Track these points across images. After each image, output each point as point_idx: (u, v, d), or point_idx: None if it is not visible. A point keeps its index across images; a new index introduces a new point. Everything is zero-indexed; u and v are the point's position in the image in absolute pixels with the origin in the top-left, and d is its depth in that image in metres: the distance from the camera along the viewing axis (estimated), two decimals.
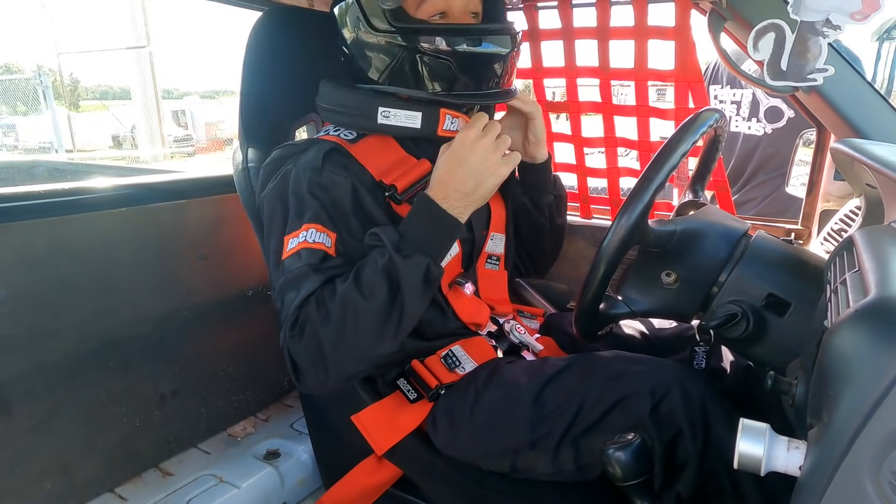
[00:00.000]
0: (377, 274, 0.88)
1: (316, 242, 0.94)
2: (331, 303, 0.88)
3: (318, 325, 0.88)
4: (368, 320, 0.88)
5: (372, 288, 0.87)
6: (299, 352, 0.90)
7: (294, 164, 1.00)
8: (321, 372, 0.90)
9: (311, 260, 0.93)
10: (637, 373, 0.93)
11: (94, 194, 1.23)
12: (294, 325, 0.90)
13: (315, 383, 0.92)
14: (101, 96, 23.80)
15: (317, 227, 0.95)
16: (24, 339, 1.11)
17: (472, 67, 0.99)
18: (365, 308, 0.87)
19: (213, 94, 26.65)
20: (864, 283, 0.51)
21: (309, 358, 0.89)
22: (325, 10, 1.31)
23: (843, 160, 0.96)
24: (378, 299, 0.87)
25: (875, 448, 0.41)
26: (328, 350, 0.88)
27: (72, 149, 10.97)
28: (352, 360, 0.91)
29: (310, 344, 0.88)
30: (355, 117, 1.04)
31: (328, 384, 0.92)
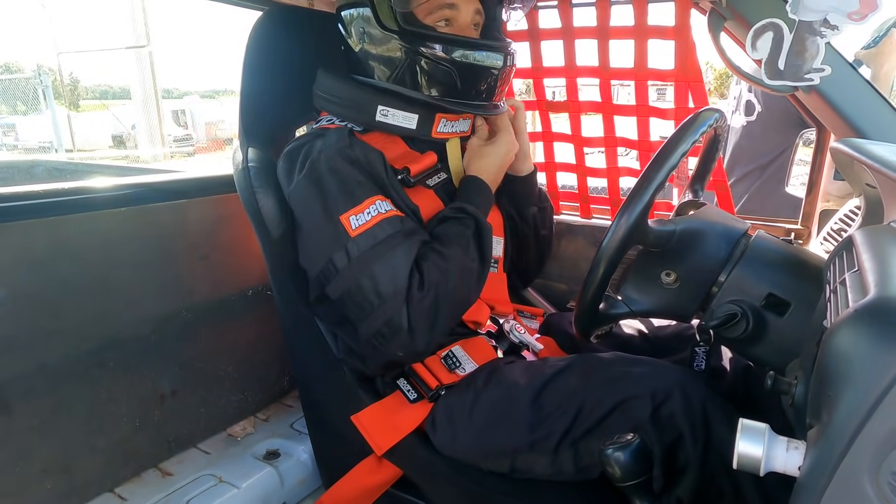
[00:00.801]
0: (466, 233, 1.00)
1: (389, 211, 0.98)
2: (444, 262, 0.96)
3: (442, 283, 0.95)
4: (471, 273, 1.00)
5: (466, 244, 0.99)
6: (422, 311, 0.94)
7: (319, 150, 1.01)
8: (435, 329, 0.96)
9: (396, 227, 0.97)
10: (637, 375, 0.93)
11: (94, 194, 1.23)
12: (421, 287, 0.94)
13: (423, 342, 0.96)
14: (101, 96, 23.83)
15: (379, 198, 0.99)
16: (24, 339, 1.11)
17: (473, 77, 1.03)
18: (467, 262, 0.99)
19: (213, 94, 26.68)
20: (864, 283, 0.51)
21: (429, 316, 0.95)
22: (325, 10, 1.32)
23: (843, 160, 0.96)
24: (473, 254, 1.00)
25: (874, 448, 0.41)
26: (446, 307, 0.96)
27: (72, 148, 10.98)
28: (458, 314, 1.05)
29: (433, 302, 0.94)
30: (353, 111, 1.05)
31: (433, 342, 0.99)
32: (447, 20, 1.03)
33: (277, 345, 1.54)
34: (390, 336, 0.94)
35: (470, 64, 1.01)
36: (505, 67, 1.05)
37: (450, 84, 1.02)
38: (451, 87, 1.02)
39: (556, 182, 1.63)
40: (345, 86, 1.06)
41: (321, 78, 1.10)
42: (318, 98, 1.10)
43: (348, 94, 1.06)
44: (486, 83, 1.05)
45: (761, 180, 2.12)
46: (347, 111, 1.06)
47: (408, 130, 1.06)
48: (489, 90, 1.06)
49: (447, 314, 0.97)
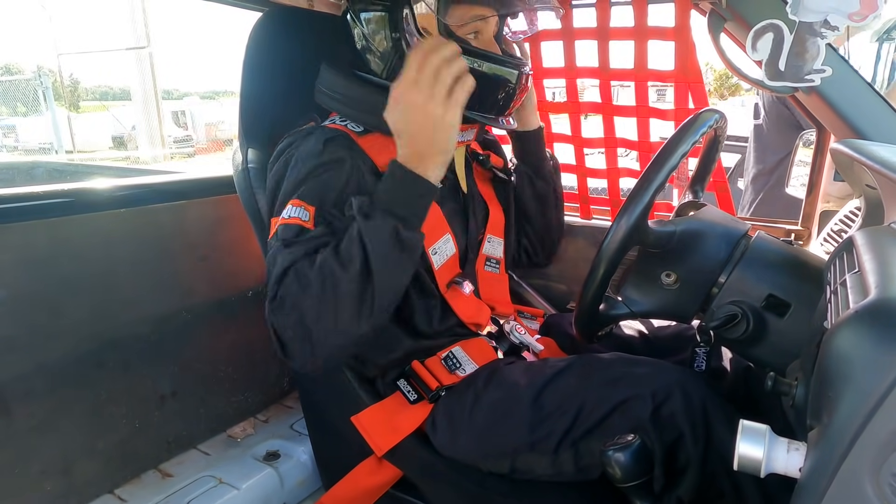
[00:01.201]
0: (353, 242, 0.84)
1: (292, 218, 0.91)
2: (310, 272, 0.84)
3: (299, 295, 0.84)
4: (346, 289, 0.83)
5: (349, 256, 0.83)
6: (281, 325, 0.86)
7: (296, 150, 1.00)
8: (307, 346, 0.85)
9: (285, 235, 0.90)
10: (637, 375, 0.93)
11: (94, 195, 1.23)
12: (274, 299, 0.86)
13: (302, 358, 0.87)
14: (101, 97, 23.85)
15: (295, 203, 0.93)
16: (24, 340, 1.11)
17: (497, 91, 1.03)
18: (342, 276, 0.83)
19: (213, 95, 26.69)
20: (864, 284, 0.51)
21: (291, 331, 0.85)
22: (325, 10, 1.32)
23: (843, 161, 0.96)
24: (354, 268, 0.82)
25: (875, 450, 0.41)
26: (310, 321, 0.83)
27: (72, 150, 10.99)
28: (334, 333, 0.85)
29: (291, 316, 0.84)
30: (361, 112, 1.03)
31: (315, 359, 0.87)
32: (476, 32, 1.03)
33: None
34: (276, 346, 0.89)
35: (494, 79, 1.01)
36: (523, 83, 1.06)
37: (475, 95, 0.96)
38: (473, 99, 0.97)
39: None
40: (353, 85, 1.04)
41: (326, 74, 1.07)
42: (321, 94, 1.08)
43: (359, 94, 1.03)
44: (507, 98, 1.05)
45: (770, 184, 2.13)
46: (355, 111, 1.04)
47: None
48: (509, 103, 1.07)
49: (322, 329, 0.84)
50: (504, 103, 1.06)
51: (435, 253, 1.07)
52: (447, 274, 1.10)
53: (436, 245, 1.07)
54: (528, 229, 1.34)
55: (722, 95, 20.34)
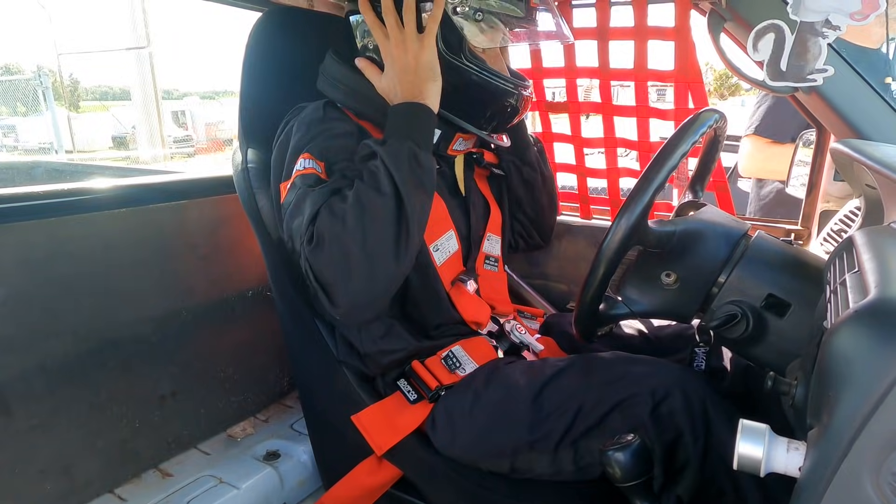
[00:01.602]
0: (378, 171, 0.87)
1: (308, 168, 0.94)
2: (344, 205, 0.86)
3: (339, 228, 0.85)
4: (383, 215, 0.86)
5: (378, 183, 0.87)
6: (322, 263, 0.85)
7: (296, 118, 1.03)
8: (350, 284, 0.85)
9: (306, 182, 0.92)
10: (637, 374, 0.93)
11: (93, 195, 1.23)
12: (311, 239, 0.86)
13: (348, 297, 0.87)
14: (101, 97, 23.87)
15: (306, 157, 0.96)
16: (24, 340, 1.11)
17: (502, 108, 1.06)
18: (377, 202, 0.86)
19: (213, 95, 26.70)
20: (864, 284, 0.51)
21: (336, 267, 0.85)
22: (325, 10, 1.32)
23: (843, 161, 0.96)
24: (386, 192, 0.86)
25: (875, 449, 0.41)
26: (355, 251, 0.84)
27: (72, 149, 10.99)
28: (377, 267, 0.86)
29: (333, 250, 0.85)
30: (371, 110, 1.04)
31: (357, 302, 0.87)
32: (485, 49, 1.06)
33: (277, 345, 1.54)
34: (315, 296, 0.89)
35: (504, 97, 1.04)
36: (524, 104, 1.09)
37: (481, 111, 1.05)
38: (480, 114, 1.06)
39: (557, 182, 1.63)
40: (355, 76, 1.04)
41: (335, 65, 1.08)
42: (324, 81, 1.08)
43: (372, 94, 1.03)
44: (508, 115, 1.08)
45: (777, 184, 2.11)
46: (361, 106, 1.05)
47: None
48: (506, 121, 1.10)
49: (367, 258, 0.85)
50: (502, 121, 1.09)
51: (437, 250, 1.08)
52: (450, 271, 1.10)
53: (438, 242, 1.08)
54: (519, 215, 1.34)
55: (722, 95, 20.36)
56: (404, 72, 0.95)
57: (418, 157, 0.90)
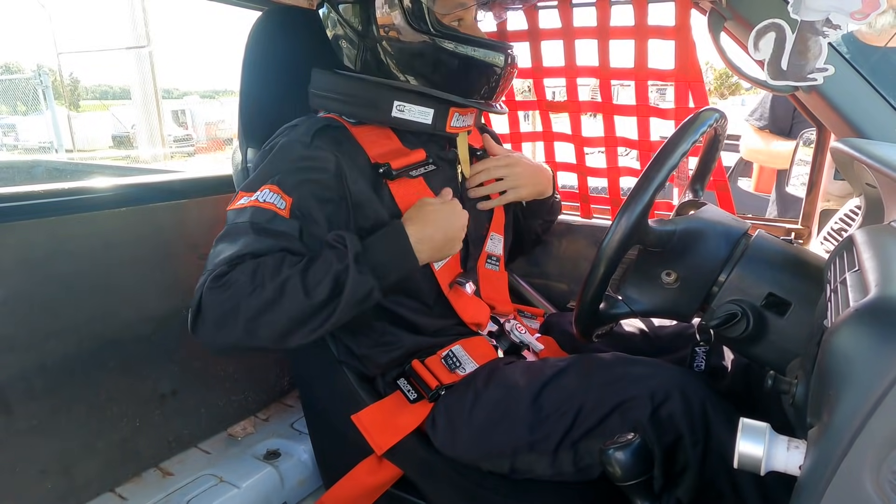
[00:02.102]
0: (327, 276, 0.85)
1: (267, 202, 0.92)
2: (269, 279, 0.84)
3: (247, 292, 0.84)
4: (297, 313, 0.85)
5: (316, 285, 0.85)
6: (214, 305, 0.85)
7: (284, 137, 1.02)
8: (223, 333, 0.85)
9: (255, 219, 0.90)
10: (636, 376, 0.93)
11: (93, 194, 1.23)
12: (220, 278, 0.86)
13: (209, 339, 0.87)
14: (101, 96, 23.86)
15: (271, 188, 0.94)
16: (24, 339, 1.11)
17: (487, 76, 1.05)
18: (300, 302, 0.84)
19: (212, 94, 26.69)
20: (864, 283, 0.51)
21: (220, 316, 0.85)
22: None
23: (843, 160, 0.96)
24: (316, 299, 0.85)
25: (875, 448, 0.41)
26: (242, 319, 0.84)
27: (72, 148, 10.99)
28: (257, 337, 0.85)
29: (228, 304, 0.84)
30: (365, 108, 1.04)
31: (219, 346, 0.88)
32: (460, 20, 1.05)
33: None
34: (191, 312, 0.88)
35: (488, 63, 1.04)
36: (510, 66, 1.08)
37: (467, 81, 1.05)
38: (467, 84, 1.05)
39: (557, 182, 1.63)
40: (351, 83, 1.05)
41: (318, 77, 1.08)
42: (315, 97, 1.08)
43: (357, 90, 1.04)
44: (495, 82, 1.07)
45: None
46: (355, 108, 1.05)
47: (424, 126, 1.06)
48: (496, 88, 1.09)
49: (249, 330, 0.84)
50: (493, 86, 1.08)
51: None
52: (448, 274, 1.10)
53: None
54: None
55: (722, 94, 20.33)
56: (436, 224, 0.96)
57: (371, 296, 0.89)
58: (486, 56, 1.03)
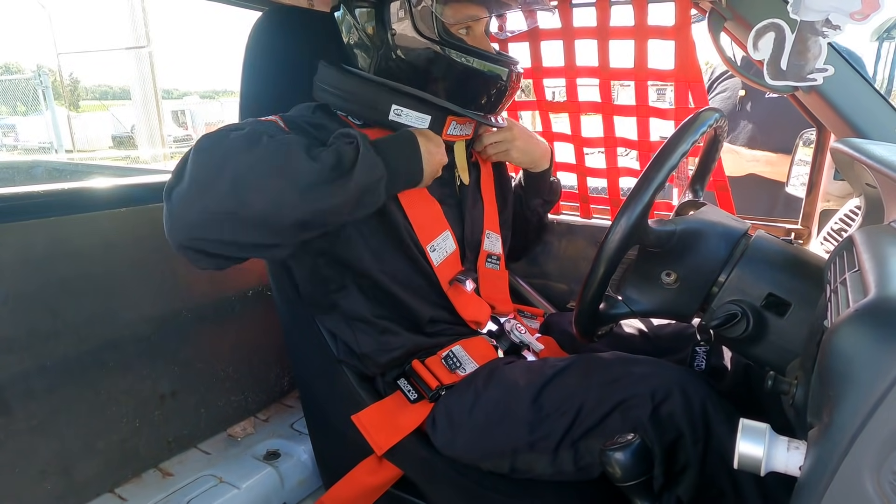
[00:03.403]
0: (331, 150, 0.83)
1: (268, 119, 0.94)
2: (268, 138, 0.79)
3: (243, 147, 0.76)
4: (298, 175, 0.77)
5: (319, 155, 0.81)
6: (200, 162, 0.76)
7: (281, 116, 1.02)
8: (203, 197, 0.75)
9: (257, 125, 0.88)
10: (637, 375, 0.93)
11: (93, 194, 1.23)
12: (214, 134, 0.79)
13: (182, 206, 0.76)
14: (101, 96, 23.86)
15: (274, 119, 0.95)
16: (24, 339, 1.11)
17: (487, 88, 1.06)
18: (303, 165, 0.78)
19: (212, 95, 26.70)
20: (864, 283, 0.51)
21: (205, 173, 0.75)
22: (325, 10, 1.31)
23: (843, 160, 0.96)
24: (321, 164, 0.80)
25: (875, 448, 0.41)
26: (230, 174, 0.74)
27: (72, 149, 10.99)
28: (245, 203, 0.75)
29: (217, 157, 0.76)
30: (365, 108, 1.05)
31: (191, 217, 0.77)
32: (467, 29, 1.05)
33: (277, 345, 1.54)
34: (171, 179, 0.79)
35: (489, 76, 1.04)
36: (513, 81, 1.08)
37: (467, 92, 1.05)
38: (466, 95, 1.05)
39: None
40: (354, 81, 1.05)
41: (325, 71, 1.08)
42: (319, 90, 1.08)
43: (359, 90, 1.04)
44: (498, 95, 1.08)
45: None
46: (356, 106, 1.06)
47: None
48: (497, 102, 1.09)
49: (237, 191, 0.75)
50: (495, 101, 1.08)
51: (434, 250, 1.07)
52: (448, 271, 1.10)
53: (434, 242, 1.08)
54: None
55: None
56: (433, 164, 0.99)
57: (378, 187, 0.87)
58: (489, 69, 1.03)
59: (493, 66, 1.04)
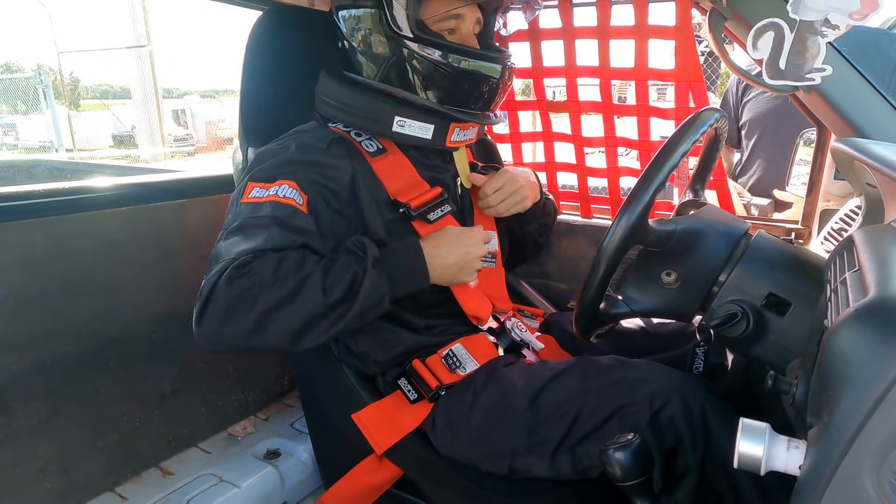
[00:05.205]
0: (346, 275, 0.87)
1: (286, 198, 0.92)
2: (292, 274, 0.84)
3: (268, 283, 0.83)
4: (312, 310, 0.85)
5: (334, 284, 0.86)
6: (229, 294, 0.83)
7: (298, 138, 1.02)
8: (231, 325, 0.83)
9: (277, 213, 0.90)
10: (635, 380, 0.92)
11: (94, 194, 1.23)
12: (244, 267, 0.84)
13: (212, 331, 0.84)
14: (102, 95, 23.86)
15: (290, 184, 0.94)
16: (24, 339, 1.11)
17: (482, 87, 1.04)
18: (317, 300, 0.85)
19: (213, 94, 26.70)
20: (864, 283, 0.51)
21: (232, 305, 0.83)
22: (325, 10, 1.31)
23: (844, 159, 0.96)
24: (332, 298, 0.86)
25: (875, 448, 0.41)
26: (257, 311, 0.82)
27: (72, 148, 10.98)
28: (266, 334, 0.84)
29: (246, 293, 0.82)
30: (368, 120, 1.04)
31: (221, 340, 0.85)
32: (451, 29, 1.04)
33: None
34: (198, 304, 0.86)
35: (482, 74, 1.03)
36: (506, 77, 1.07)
37: (462, 93, 1.04)
38: (464, 97, 1.04)
39: (557, 182, 1.63)
40: (355, 94, 1.04)
41: (326, 82, 1.08)
42: (321, 103, 1.08)
43: (360, 103, 1.04)
44: (491, 92, 1.07)
45: None
46: (358, 120, 1.05)
47: (423, 140, 1.05)
48: (491, 99, 1.08)
49: (261, 327, 0.83)
50: (488, 98, 1.07)
51: None
52: None
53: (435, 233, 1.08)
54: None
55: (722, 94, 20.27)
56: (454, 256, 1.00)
57: (382, 303, 0.92)
58: (471, 67, 1.02)
59: (478, 64, 1.02)
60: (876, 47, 1.71)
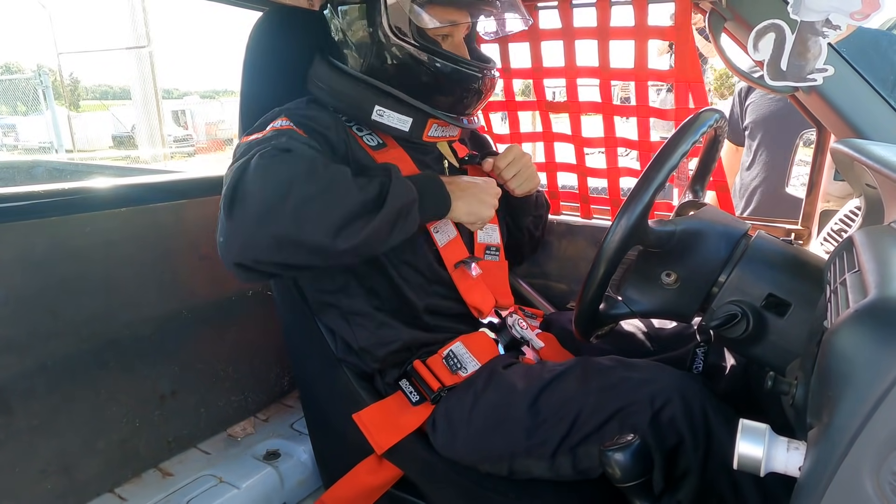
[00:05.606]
0: (374, 180, 0.87)
1: (285, 125, 0.95)
2: (323, 168, 0.82)
3: (303, 174, 0.78)
4: (350, 205, 0.81)
5: (365, 185, 0.85)
6: (264, 184, 0.77)
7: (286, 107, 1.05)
8: (266, 223, 0.77)
9: (281, 133, 0.92)
10: (636, 381, 0.92)
11: (94, 194, 1.23)
12: (272, 157, 0.80)
13: (245, 231, 0.78)
14: (102, 96, 23.86)
15: (284, 119, 0.98)
16: (24, 339, 1.11)
17: (461, 92, 1.08)
18: (353, 194, 0.82)
19: (213, 94, 26.69)
20: (864, 284, 0.51)
21: (268, 198, 0.77)
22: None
23: (843, 160, 0.96)
24: (367, 195, 0.83)
25: (875, 449, 0.41)
26: (293, 203, 0.77)
27: (72, 149, 10.99)
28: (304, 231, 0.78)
29: (280, 181, 0.77)
30: (351, 106, 1.08)
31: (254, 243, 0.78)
32: (445, 35, 1.07)
33: (277, 345, 1.54)
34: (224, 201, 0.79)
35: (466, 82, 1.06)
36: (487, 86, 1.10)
37: (439, 94, 1.07)
38: (440, 97, 1.07)
39: (557, 182, 1.63)
40: (342, 79, 1.08)
41: (317, 65, 1.11)
42: (312, 84, 1.12)
43: (346, 88, 1.07)
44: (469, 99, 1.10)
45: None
46: (342, 105, 1.08)
47: (400, 132, 1.08)
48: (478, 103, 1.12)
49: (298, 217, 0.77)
50: (469, 104, 1.11)
51: (437, 231, 1.09)
52: (453, 254, 1.10)
53: (437, 224, 1.09)
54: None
55: (722, 95, 20.30)
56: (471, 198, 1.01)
57: (411, 212, 0.90)
58: (460, 74, 1.05)
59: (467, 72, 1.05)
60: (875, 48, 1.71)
